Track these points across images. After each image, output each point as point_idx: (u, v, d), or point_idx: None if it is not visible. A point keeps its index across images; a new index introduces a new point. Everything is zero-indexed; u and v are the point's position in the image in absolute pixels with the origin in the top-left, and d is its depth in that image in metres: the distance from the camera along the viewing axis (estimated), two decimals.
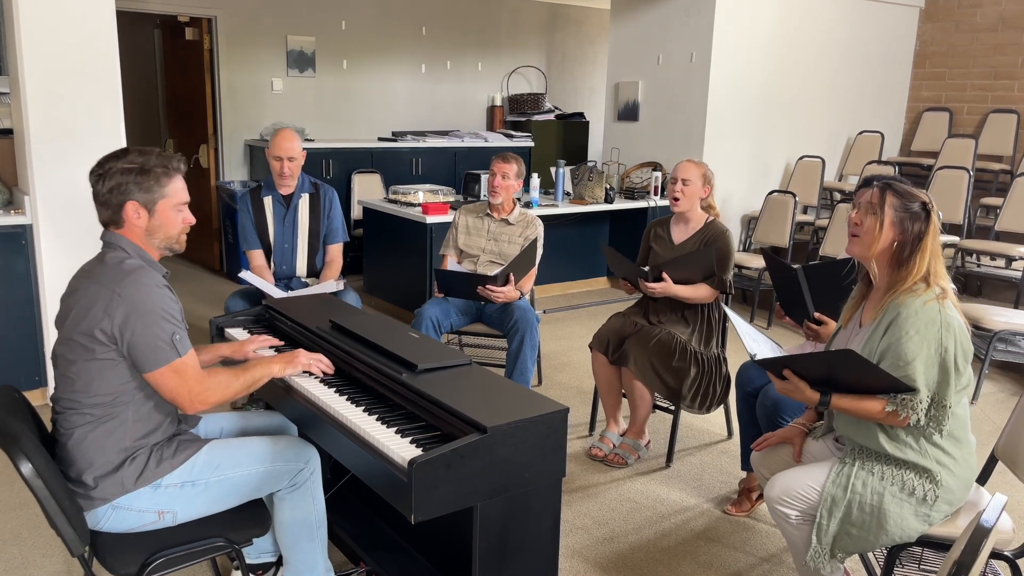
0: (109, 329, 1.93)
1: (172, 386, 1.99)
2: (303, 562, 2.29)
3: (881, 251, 2.15)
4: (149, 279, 1.99)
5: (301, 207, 3.92)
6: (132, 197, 2.01)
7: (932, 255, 2.12)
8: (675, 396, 3.41)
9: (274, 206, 3.91)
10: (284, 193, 3.92)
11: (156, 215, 2.05)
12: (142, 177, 2.01)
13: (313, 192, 3.95)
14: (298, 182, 3.92)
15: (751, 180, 6.97)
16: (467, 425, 1.94)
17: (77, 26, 3.72)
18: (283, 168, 3.82)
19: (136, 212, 2.03)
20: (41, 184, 3.77)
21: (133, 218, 2.03)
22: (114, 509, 2.01)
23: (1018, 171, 6.44)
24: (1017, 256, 5.65)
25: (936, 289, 2.09)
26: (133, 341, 1.94)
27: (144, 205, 2.03)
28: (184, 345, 2.00)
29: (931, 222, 2.12)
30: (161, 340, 1.95)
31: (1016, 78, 7.13)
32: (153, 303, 1.96)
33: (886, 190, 2.13)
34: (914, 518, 2.11)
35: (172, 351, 1.97)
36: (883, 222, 2.12)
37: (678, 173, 3.47)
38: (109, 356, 1.96)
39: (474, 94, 8.66)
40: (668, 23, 6.68)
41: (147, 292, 1.96)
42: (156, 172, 2.03)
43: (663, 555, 2.88)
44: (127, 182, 2.00)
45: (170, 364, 1.97)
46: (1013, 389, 4.63)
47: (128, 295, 1.94)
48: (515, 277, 3.72)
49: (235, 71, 7.13)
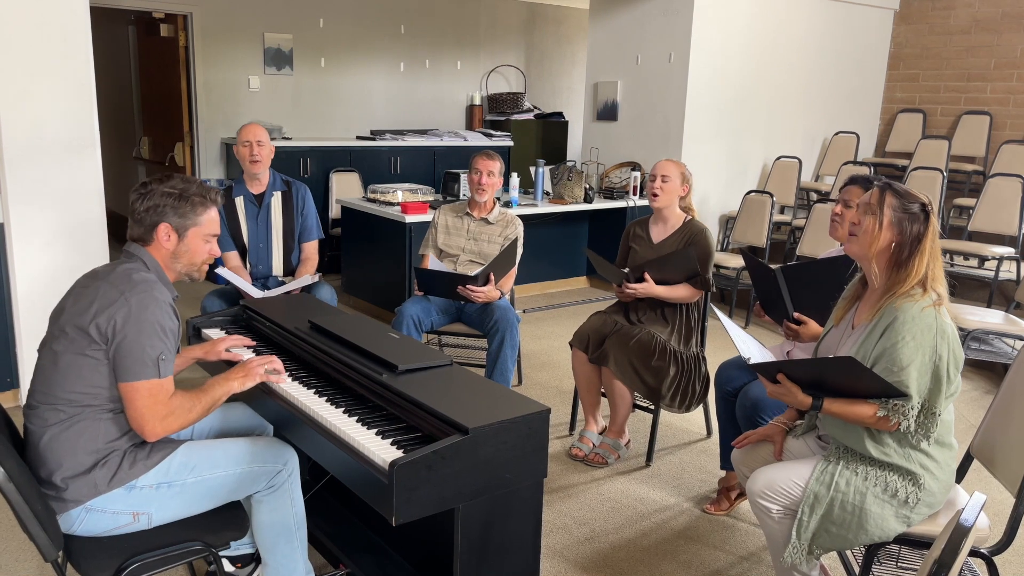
0: (104, 327, 1.93)
1: (140, 405, 1.96)
2: (283, 564, 2.27)
3: (879, 251, 2.14)
4: (159, 293, 2.01)
5: (274, 205, 3.88)
6: (166, 219, 2.10)
7: (931, 258, 2.11)
8: (655, 395, 3.41)
9: (246, 206, 3.87)
10: (255, 192, 3.87)
11: (185, 240, 2.14)
12: (180, 203, 2.11)
13: (285, 190, 3.91)
14: (270, 179, 3.88)
15: (728, 180, 7.01)
16: (448, 426, 1.93)
17: (50, 22, 3.66)
18: (252, 151, 3.75)
19: (167, 234, 2.11)
20: (12, 182, 3.70)
21: (163, 239, 2.11)
22: (87, 511, 1.98)
23: (991, 172, 6.53)
24: (990, 256, 5.73)
25: (933, 295, 2.08)
26: (121, 346, 1.93)
27: (176, 229, 2.12)
28: (166, 368, 1.99)
29: (930, 224, 2.10)
30: (148, 355, 1.95)
31: (989, 80, 7.23)
32: (154, 316, 1.97)
33: (886, 190, 2.13)
34: (894, 519, 2.13)
35: (154, 369, 1.96)
36: (882, 222, 2.10)
37: (657, 170, 3.51)
38: (96, 355, 1.95)
39: (453, 93, 8.63)
40: (646, 23, 6.70)
41: (152, 304, 1.97)
42: (194, 200, 2.13)
43: (643, 554, 2.88)
44: (165, 205, 2.10)
45: (148, 381, 1.95)
46: (987, 387, 4.69)
47: (133, 301, 1.96)
48: (495, 277, 3.71)
49: (211, 68, 7.05)
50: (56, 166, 3.80)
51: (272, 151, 3.86)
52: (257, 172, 3.82)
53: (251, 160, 3.77)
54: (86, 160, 3.86)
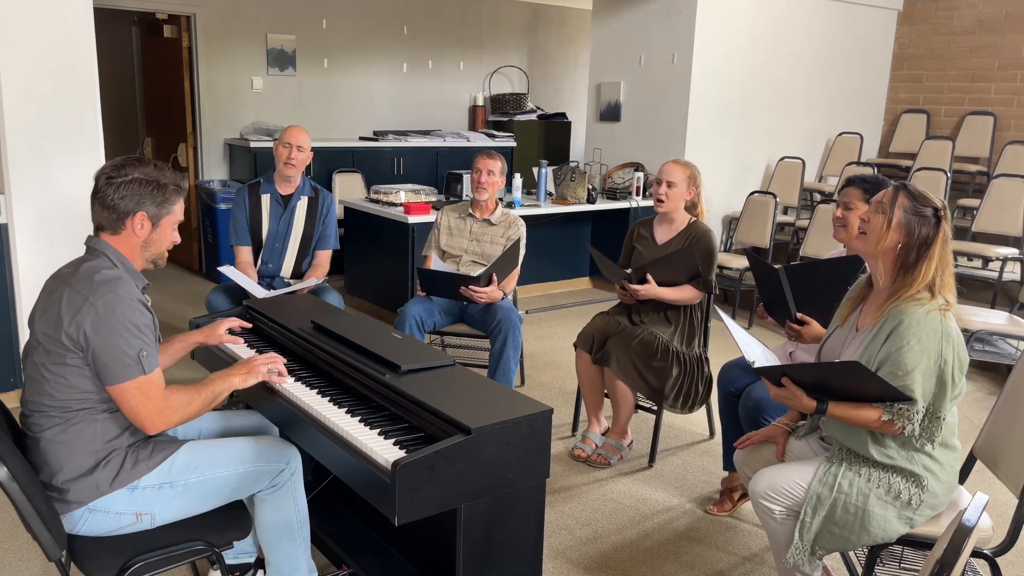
0: (75, 335, 1.90)
1: (134, 404, 1.95)
2: (286, 563, 2.27)
3: (885, 251, 2.12)
4: (124, 291, 1.96)
5: (299, 209, 3.90)
6: (144, 208, 2.04)
7: (940, 264, 2.08)
8: (657, 396, 3.41)
9: (271, 204, 3.89)
10: (284, 192, 3.89)
11: (158, 229, 2.08)
12: (157, 192, 2.05)
13: (312, 196, 3.94)
14: (299, 184, 3.91)
15: (732, 181, 7.00)
16: (451, 426, 1.93)
17: (54, 23, 3.67)
18: (290, 154, 3.79)
19: (141, 223, 2.04)
20: (17, 183, 3.71)
21: (136, 228, 2.04)
22: (91, 512, 1.98)
23: (994, 172, 6.52)
24: (994, 257, 5.72)
25: (940, 300, 2.07)
26: (97, 352, 1.90)
27: (151, 218, 2.05)
28: (151, 363, 1.96)
29: (941, 229, 2.07)
30: (127, 355, 1.92)
31: (992, 80, 7.21)
32: (123, 315, 1.92)
33: (899, 191, 2.11)
34: (897, 520, 2.12)
35: (137, 367, 1.93)
36: (890, 221, 2.09)
37: (663, 175, 3.44)
38: (76, 363, 1.93)
39: (456, 94, 8.63)
40: (649, 24, 6.70)
41: (118, 303, 1.92)
42: (169, 189, 2.07)
43: (646, 555, 2.88)
44: (143, 193, 2.03)
45: (135, 380, 1.93)
46: (990, 388, 4.68)
47: (99, 304, 1.91)
48: (498, 277, 3.71)
49: (214, 69, 7.07)
50: (59, 166, 3.81)
51: (309, 158, 3.89)
52: (290, 175, 3.86)
53: (286, 162, 3.80)
54: (89, 161, 3.87)
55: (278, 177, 3.90)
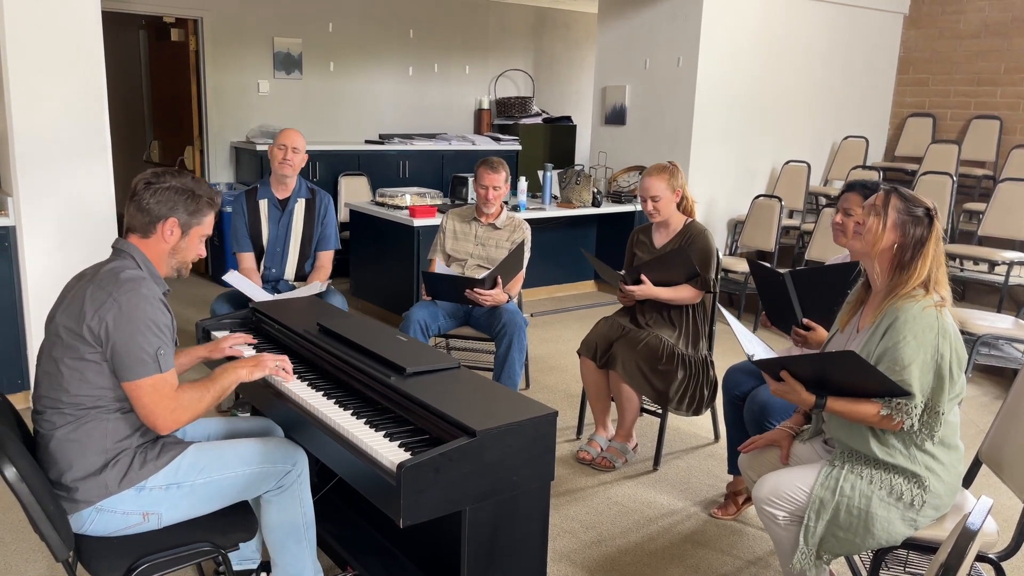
0: (96, 329, 1.93)
1: (147, 402, 1.97)
2: (292, 564, 2.28)
3: (882, 252, 2.16)
4: (147, 290, 2.00)
5: (296, 211, 3.91)
6: (176, 215, 2.10)
7: (934, 261, 2.13)
8: (663, 399, 3.41)
9: (269, 209, 3.90)
10: (280, 196, 3.90)
11: (187, 238, 2.14)
12: (191, 201, 2.12)
13: (310, 197, 3.95)
14: (296, 186, 3.91)
15: (737, 184, 7.00)
16: (456, 429, 1.93)
17: (62, 26, 3.69)
18: (285, 156, 3.80)
19: (172, 229, 2.10)
20: (24, 186, 3.73)
21: (166, 233, 2.10)
22: (98, 512, 1.99)
23: (1001, 177, 6.51)
24: (1000, 260, 5.71)
25: (935, 296, 2.11)
26: (117, 347, 1.93)
27: (182, 225, 2.12)
28: (167, 362, 1.99)
29: (934, 228, 2.13)
30: (145, 352, 1.94)
31: (999, 84, 7.20)
32: (144, 313, 1.96)
33: (891, 193, 2.16)
34: (901, 522, 2.12)
35: (154, 365, 1.96)
36: (885, 223, 2.13)
37: (645, 192, 3.41)
38: (94, 358, 1.95)
39: (461, 97, 8.65)
40: (655, 27, 6.71)
41: (141, 301, 1.96)
42: (203, 200, 2.14)
43: (650, 558, 2.88)
44: (177, 200, 2.10)
45: (150, 378, 1.96)
46: (996, 392, 4.67)
47: (122, 300, 1.95)
48: (503, 280, 3.71)
49: (221, 72, 7.09)
50: (67, 169, 3.83)
51: (304, 160, 3.90)
52: (285, 175, 3.86)
53: (281, 162, 3.81)
54: (97, 163, 3.89)
55: (274, 180, 3.91)
